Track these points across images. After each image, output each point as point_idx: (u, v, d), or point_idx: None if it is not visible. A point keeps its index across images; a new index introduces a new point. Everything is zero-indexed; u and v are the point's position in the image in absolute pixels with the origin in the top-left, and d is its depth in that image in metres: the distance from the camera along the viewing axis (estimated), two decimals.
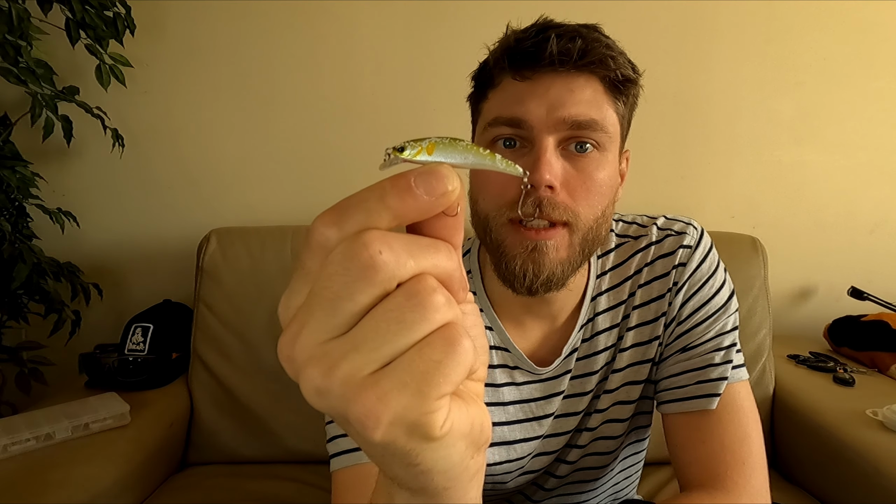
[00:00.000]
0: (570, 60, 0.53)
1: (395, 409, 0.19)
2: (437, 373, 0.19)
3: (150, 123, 1.34)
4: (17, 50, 1.03)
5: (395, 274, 0.19)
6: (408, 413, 0.19)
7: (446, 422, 0.20)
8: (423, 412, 0.19)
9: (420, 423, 0.19)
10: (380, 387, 0.19)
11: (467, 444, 0.22)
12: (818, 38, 1.34)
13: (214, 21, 1.30)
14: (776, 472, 1.12)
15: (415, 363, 0.19)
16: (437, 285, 0.20)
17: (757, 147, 1.39)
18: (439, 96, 1.34)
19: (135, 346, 1.13)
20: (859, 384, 1.11)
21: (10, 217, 1.15)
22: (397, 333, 0.19)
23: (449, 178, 0.20)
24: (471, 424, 0.21)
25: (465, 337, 0.20)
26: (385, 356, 0.19)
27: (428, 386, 0.19)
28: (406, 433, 0.19)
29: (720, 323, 0.63)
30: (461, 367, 0.19)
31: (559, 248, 0.55)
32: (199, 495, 1.01)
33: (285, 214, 1.37)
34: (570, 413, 0.67)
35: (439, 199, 0.20)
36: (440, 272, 0.21)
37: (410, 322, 0.19)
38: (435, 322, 0.19)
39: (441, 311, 0.20)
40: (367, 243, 0.19)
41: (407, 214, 0.20)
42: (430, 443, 0.20)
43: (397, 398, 0.19)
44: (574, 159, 0.55)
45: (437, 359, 0.19)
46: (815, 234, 1.42)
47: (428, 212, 0.20)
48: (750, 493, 0.57)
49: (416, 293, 0.19)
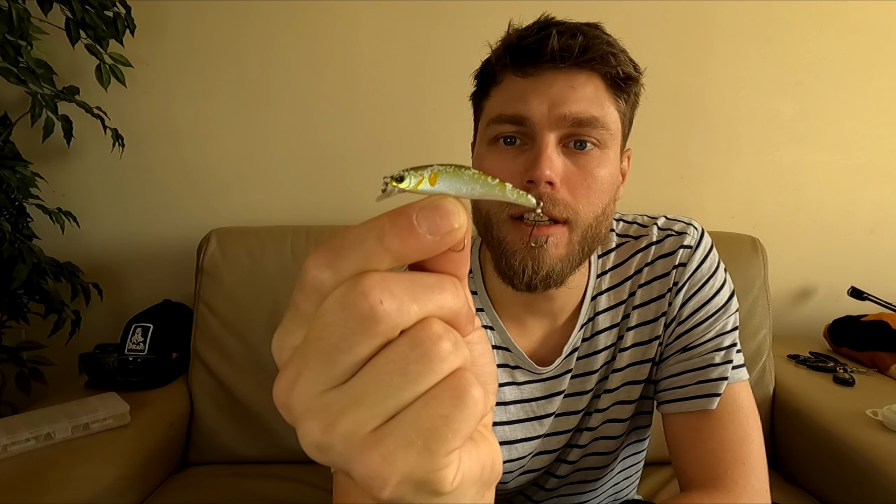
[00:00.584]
0: (571, 57, 0.53)
1: (402, 470, 0.17)
2: (445, 428, 0.18)
3: (150, 123, 1.34)
4: (17, 50, 1.04)
5: (398, 323, 0.18)
6: (415, 472, 0.18)
7: (457, 475, 0.19)
8: (432, 470, 0.18)
9: (429, 481, 0.18)
10: (384, 446, 0.17)
11: (478, 487, 0.20)
12: (818, 38, 1.34)
13: (214, 21, 1.31)
14: (776, 472, 1.12)
15: (421, 419, 0.18)
16: (443, 330, 0.18)
17: (757, 147, 1.39)
18: (439, 96, 1.34)
19: (135, 346, 1.13)
20: (859, 384, 1.11)
21: (10, 217, 1.15)
22: (401, 387, 0.18)
23: (455, 214, 0.18)
24: (481, 468, 0.20)
25: (475, 386, 0.18)
26: (388, 410, 0.18)
27: (436, 443, 0.18)
28: (414, 490, 0.18)
29: (720, 323, 0.63)
30: (472, 419, 0.18)
31: (559, 244, 0.55)
32: (199, 495, 1.01)
33: (285, 214, 1.37)
34: (571, 412, 0.67)
35: (444, 238, 0.18)
36: (446, 313, 0.19)
37: (415, 374, 0.18)
38: (442, 372, 0.18)
39: (448, 359, 0.18)
40: (366, 292, 0.17)
41: (409, 256, 0.18)
42: (440, 497, 0.19)
43: (403, 457, 0.17)
44: (575, 156, 0.55)
45: (445, 413, 0.18)
46: (815, 234, 1.42)
47: (431, 252, 0.18)
48: (750, 493, 0.57)
49: (420, 342, 0.18)
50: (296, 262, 1.18)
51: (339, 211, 1.39)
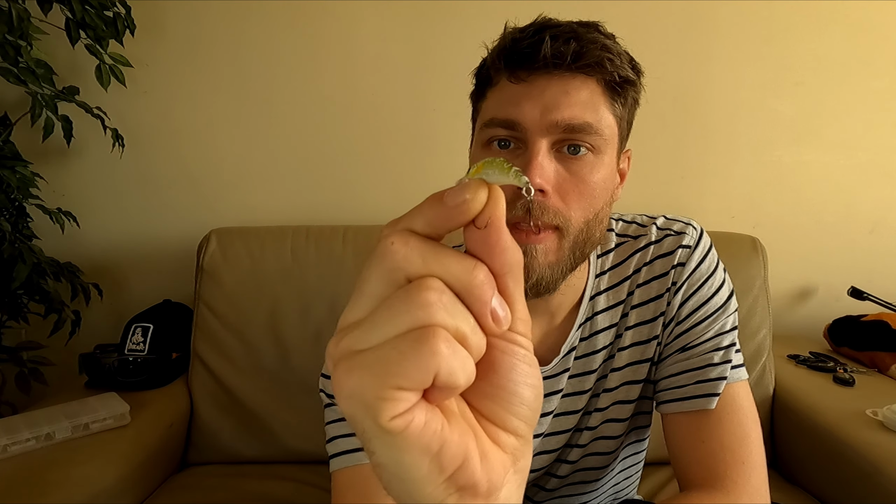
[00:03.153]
0: (564, 63, 0.52)
1: (354, 384, 0.20)
2: (396, 363, 0.19)
3: (150, 123, 1.34)
4: (17, 50, 1.04)
5: (401, 266, 0.21)
6: (362, 391, 0.20)
7: (399, 418, 0.20)
8: (376, 396, 0.19)
9: (370, 406, 0.20)
10: (353, 361, 0.20)
11: (431, 463, 0.20)
12: (818, 38, 1.34)
13: (214, 21, 1.31)
14: (776, 472, 1.12)
15: (384, 349, 0.20)
16: (436, 286, 0.20)
17: (757, 147, 1.39)
18: (439, 96, 1.34)
19: (135, 346, 1.13)
20: (859, 384, 1.11)
21: (10, 217, 1.15)
22: (386, 320, 0.20)
23: (469, 189, 0.21)
24: (440, 444, 0.20)
25: (440, 341, 0.19)
26: (373, 339, 0.20)
27: (385, 373, 0.19)
28: (363, 411, 0.20)
29: (719, 323, 0.63)
30: (425, 366, 0.19)
31: (548, 251, 0.54)
32: (199, 495, 1.01)
33: (285, 214, 1.38)
34: (570, 412, 0.67)
35: (459, 206, 0.21)
36: (452, 280, 0.21)
37: (396, 310, 0.20)
38: (418, 318, 0.20)
39: (425, 308, 0.20)
40: (387, 235, 0.21)
41: (434, 221, 0.21)
42: (380, 430, 0.20)
43: (359, 374, 0.20)
44: (568, 162, 0.54)
45: (402, 349, 0.19)
46: (815, 234, 1.42)
47: (449, 219, 0.21)
48: (749, 493, 0.56)
49: (413, 287, 0.20)
50: (296, 262, 1.19)
51: (339, 211, 1.39)
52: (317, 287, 1.17)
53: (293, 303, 1.17)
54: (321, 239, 1.21)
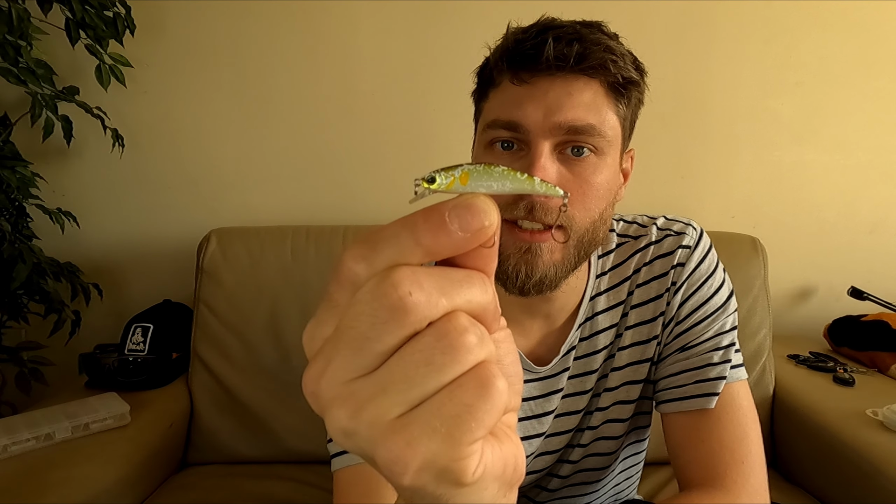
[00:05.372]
0: (567, 65, 0.52)
1: (424, 456, 0.18)
2: (468, 417, 0.18)
3: (150, 123, 1.34)
4: (17, 50, 1.04)
5: (426, 315, 0.18)
6: (437, 459, 0.18)
7: (479, 467, 0.19)
8: (454, 458, 0.18)
9: (450, 470, 0.18)
10: (408, 431, 0.18)
11: (500, 484, 0.20)
12: (818, 38, 1.34)
13: (214, 21, 1.31)
14: (776, 472, 1.12)
15: (445, 407, 0.18)
16: (468, 324, 0.19)
17: (757, 147, 1.39)
18: (439, 96, 1.34)
19: (135, 346, 1.13)
20: (859, 384, 1.11)
21: (10, 217, 1.15)
22: (426, 376, 0.18)
23: (486, 212, 0.19)
24: (504, 465, 0.20)
25: (499, 377, 0.19)
26: (413, 399, 0.18)
27: (459, 431, 0.18)
28: (435, 479, 0.18)
29: (719, 323, 0.63)
30: (495, 409, 0.18)
31: (553, 250, 0.54)
32: (199, 495, 1.01)
33: (285, 214, 1.38)
34: (571, 412, 0.67)
35: (475, 235, 0.19)
36: (474, 307, 0.20)
37: (440, 364, 0.18)
38: (466, 363, 0.18)
39: (473, 351, 0.18)
40: (397, 283, 0.18)
41: (440, 252, 0.19)
42: (461, 488, 0.19)
43: (426, 444, 0.18)
44: (571, 163, 0.54)
45: (469, 402, 0.18)
46: (815, 234, 1.42)
47: (462, 248, 0.19)
48: (749, 493, 0.57)
49: (446, 333, 0.18)
50: (296, 262, 1.19)
51: (339, 211, 1.39)
52: (317, 287, 1.17)
53: (293, 303, 1.17)
54: (321, 239, 1.21)
